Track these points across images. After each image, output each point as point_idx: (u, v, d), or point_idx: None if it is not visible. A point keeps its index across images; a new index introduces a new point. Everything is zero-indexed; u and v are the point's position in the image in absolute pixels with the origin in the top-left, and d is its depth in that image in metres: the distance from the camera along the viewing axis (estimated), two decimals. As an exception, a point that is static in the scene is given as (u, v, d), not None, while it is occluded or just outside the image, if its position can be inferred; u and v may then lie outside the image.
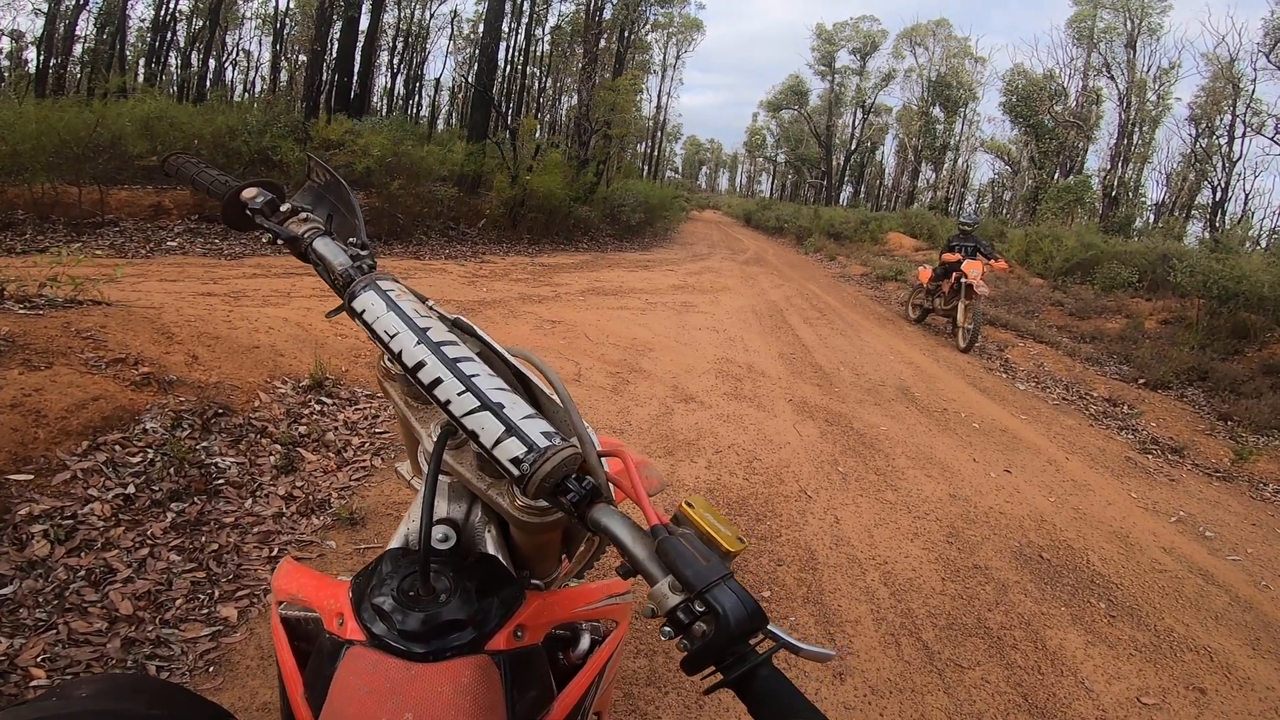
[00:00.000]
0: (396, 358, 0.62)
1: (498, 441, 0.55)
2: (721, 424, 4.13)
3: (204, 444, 2.63)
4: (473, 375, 0.59)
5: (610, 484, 0.59)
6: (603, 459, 0.60)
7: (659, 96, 35.38)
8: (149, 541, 2.09)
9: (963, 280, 7.82)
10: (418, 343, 0.61)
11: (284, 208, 0.83)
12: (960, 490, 3.67)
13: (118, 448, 2.38)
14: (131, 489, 2.25)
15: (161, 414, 2.64)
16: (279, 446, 2.82)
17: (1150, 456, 4.89)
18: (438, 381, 0.59)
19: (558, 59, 26.48)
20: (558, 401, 0.65)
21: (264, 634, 1.87)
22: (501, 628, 0.60)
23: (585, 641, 0.73)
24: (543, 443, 0.54)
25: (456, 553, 0.67)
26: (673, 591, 0.49)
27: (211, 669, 1.74)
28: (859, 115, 36.88)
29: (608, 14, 18.54)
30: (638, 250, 14.67)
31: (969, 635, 2.39)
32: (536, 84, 27.55)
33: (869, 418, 4.70)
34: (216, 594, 1.98)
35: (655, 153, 38.55)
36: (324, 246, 0.77)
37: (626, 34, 20.11)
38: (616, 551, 0.54)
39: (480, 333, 0.70)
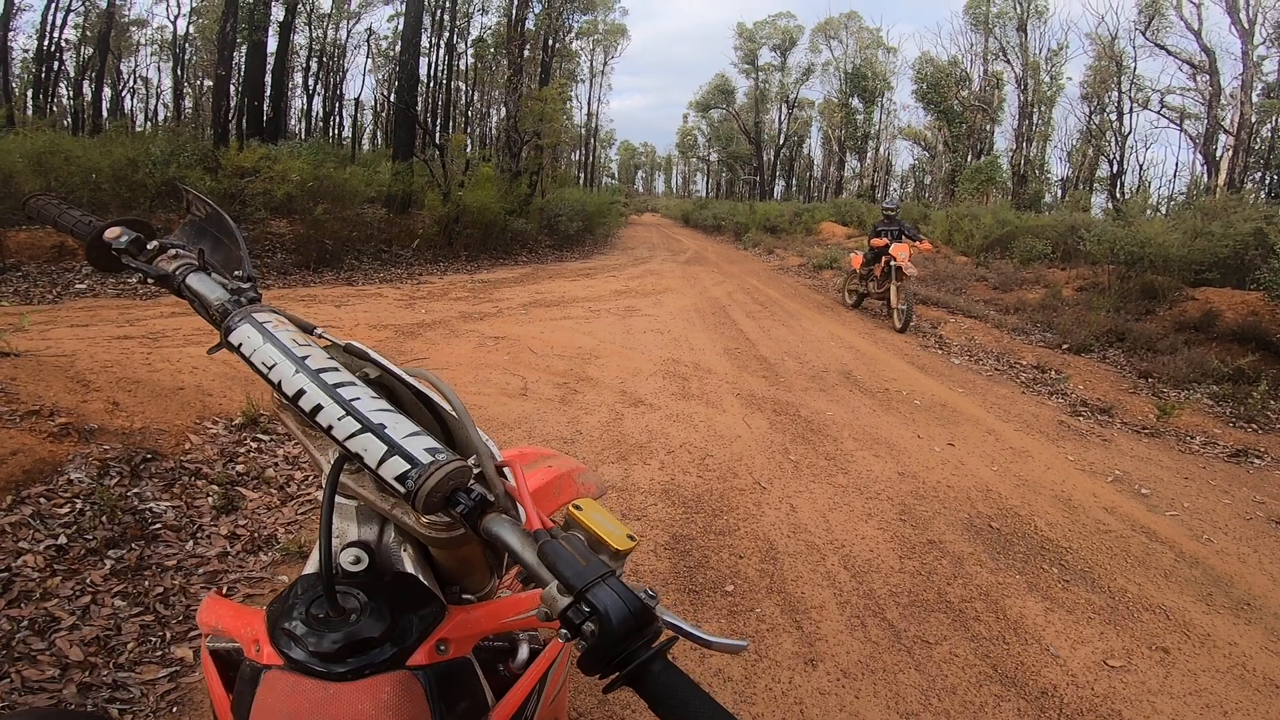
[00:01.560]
0: (277, 388, 0.63)
1: (381, 461, 0.56)
2: (672, 424, 4.14)
3: (135, 490, 2.56)
4: (353, 399, 0.59)
5: (510, 495, 0.60)
6: (503, 470, 0.61)
7: (589, 103, 35.43)
8: (90, 589, 2.05)
9: (892, 263, 8.11)
10: (296, 372, 0.62)
11: (151, 245, 0.81)
12: (908, 468, 3.78)
13: (43, 500, 2.34)
14: (63, 539, 2.20)
15: (86, 463, 2.57)
16: (216, 487, 2.74)
17: (1081, 419, 5.14)
18: (319, 408, 0.59)
19: (482, 72, 26.21)
20: (454, 418, 0.66)
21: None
22: (422, 643, 0.61)
23: (524, 651, 0.74)
24: (426, 459, 0.55)
25: (371, 573, 0.67)
26: (560, 594, 0.49)
27: (175, 709, 1.72)
28: (784, 110, 37.82)
29: (530, 24, 18.48)
30: (578, 259, 14.64)
31: (932, 611, 2.45)
32: (463, 98, 27.20)
33: (815, 404, 4.80)
34: (168, 635, 1.95)
35: (590, 160, 38.57)
36: (198, 282, 0.75)
37: (551, 43, 20.09)
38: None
39: (375, 355, 0.70)
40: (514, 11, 18.12)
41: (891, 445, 4.10)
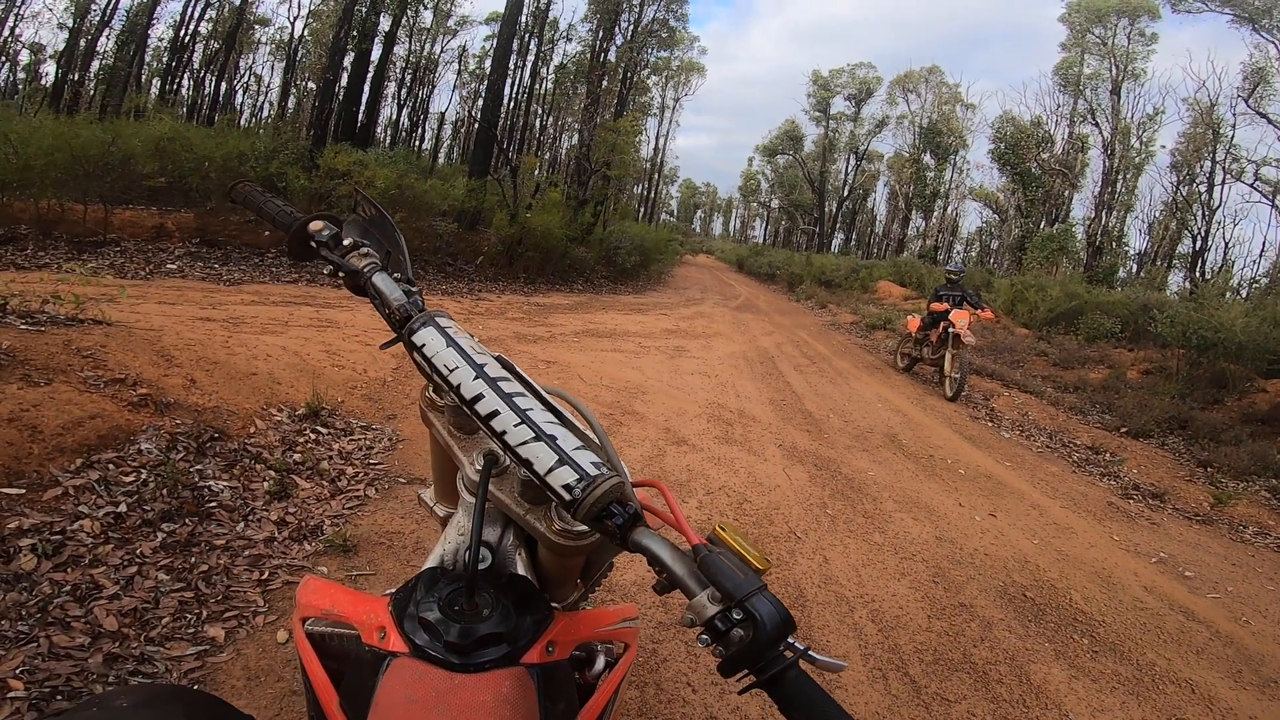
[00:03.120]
0: (454, 390, 0.67)
1: (551, 469, 0.60)
2: (713, 466, 4.16)
3: (198, 467, 2.63)
4: (527, 409, 0.64)
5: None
6: (635, 490, 0.66)
7: (657, 139, 35.93)
8: (137, 560, 2.07)
9: (950, 330, 7.91)
10: (475, 377, 0.66)
11: (346, 242, 0.89)
12: (946, 533, 3.71)
13: (111, 466, 2.38)
14: (123, 508, 2.23)
15: (157, 435, 2.64)
16: (273, 473, 2.81)
17: (1132, 501, 4.96)
18: (494, 414, 0.64)
19: (560, 98, 26.98)
20: (594, 438, 0.70)
21: (251, 654, 1.87)
22: (535, 643, 0.63)
23: (600, 662, 0.77)
24: (593, 471, 0.60)
25: (491, 573, 0.71)
26: (711, 602, 0.54)
27: (196, 688, 1.72)
28: (852, 161, 37.54)
29: (612, 56, 19.02)
30: (631, 293, 14.83)
31: (955, 670, 2.42)
32: (538, 122, 28.00)
33: (857, 463, 4.75)
34: (204, 614, 1.96)
35: (652, 195, 39.07)
36: (382, 282, 0.83)
37: (629, 76, 20.58)
38: (653, 570, 0.60)
39: (520, 372, 0.75)
40: (597, 43, 18.73)
41: (931, 510, 4.03)
